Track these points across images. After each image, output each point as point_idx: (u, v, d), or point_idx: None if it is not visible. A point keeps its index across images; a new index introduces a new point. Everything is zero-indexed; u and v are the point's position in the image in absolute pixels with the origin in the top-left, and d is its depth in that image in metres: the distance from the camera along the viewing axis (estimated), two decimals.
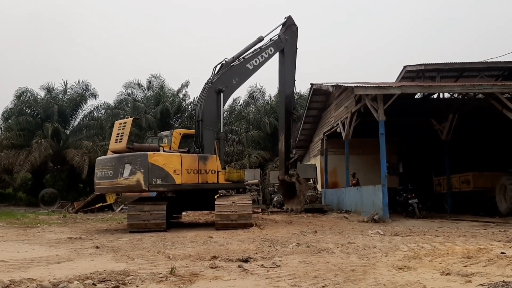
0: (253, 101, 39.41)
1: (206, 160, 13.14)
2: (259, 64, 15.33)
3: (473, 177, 18.26)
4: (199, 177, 12.86)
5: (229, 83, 14.59)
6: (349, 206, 19.22)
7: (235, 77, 14.79)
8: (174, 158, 12.63)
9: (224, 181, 13.33)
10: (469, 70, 21.26)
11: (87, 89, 36.86)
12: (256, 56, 15.27)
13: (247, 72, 15.10)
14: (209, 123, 13.88)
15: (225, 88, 14.34)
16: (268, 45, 15.50)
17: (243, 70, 15.02)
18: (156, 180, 12.12)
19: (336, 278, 5.43)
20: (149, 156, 12.18)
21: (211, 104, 14.06)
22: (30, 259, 7.39)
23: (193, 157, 13.04)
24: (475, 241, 8.88)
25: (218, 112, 14.17)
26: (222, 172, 13.37)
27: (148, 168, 12.00)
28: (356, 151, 22.43)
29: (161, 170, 12.17)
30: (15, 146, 33.62)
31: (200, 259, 7.06)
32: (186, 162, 12.73)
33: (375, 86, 15.85)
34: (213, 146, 13.86)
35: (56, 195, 30.07)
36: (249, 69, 15.05)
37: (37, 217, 18.95)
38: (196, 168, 12.86)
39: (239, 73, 14.94)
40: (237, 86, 15.06)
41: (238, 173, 13.85)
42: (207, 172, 13.07)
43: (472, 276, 5.36)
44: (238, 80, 14.90)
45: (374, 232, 10.84)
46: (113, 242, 9.86)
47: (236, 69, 14.78)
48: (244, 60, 15.06)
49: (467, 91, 16.90)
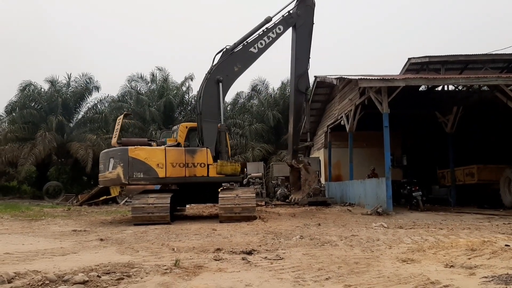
0: (257, 94, 39.34)
1: (194, 154, 13.13)
2: (266, 46, 14.54)
3: (477, 169, 18.19)
4: (186, 171, 12.95)
5: (229, 71, 14.09)
6: (352, 199, 19.21)
7: (237, 63, 14.21)
8: (158, 152, 12.87)
9: (215, 174, 13.12)
10: (474, 62, 21.09)
11: (91, 82, 36.93)
12: (262, 38, 14.49)
13: (251, 56, 14.42)
14: (208, 115, 13.79)
15: (225, 77, 13.91)
16: (277, 23, 14.69)
17: (246, 55, 14.38)
18: (137, 174, 12.53)
19: (339, 271, 5.44)
20: (129, 150, 12.63)
21: (210, 95, 13.85)
22: (35, 251, 7.43)
23: (179, 150, 13.14)
24: (479, 234, 8.86)
25: (218, 103, 13.82)
26: (213, 165, 13.14)
27: (128, 162, 12.47)
28: (360, 144, 22.39)
29: (142, 164, 12.54)
30: (19, 139, 33.72)
31: (204, 252, 7.08)
32: (171, 155, 12.89)
33: (379, 78, 15.77)
34: (214, 139, 13.66)
35: (60, 188, 30.20)
36: (253, 53, 14.40)
37: (42, 209, 19.04)
38: (183, 162, 12.93)
39: (241, 59, 14.31)
40: (239, 73, 14.40)
41: (232, 166, 13.21)
42: (195, 166, 13.03)
43: (476, 269, 5.36)
44: (241, 66, 14.30)
45: (378, 225, 10.84)
46: (118, 235, 9.91)
47: (237, 55, 14.23)
48: (247, 44, 14.40)
49: (472, 83, 16.80)
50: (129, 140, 14.03)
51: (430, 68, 21.13)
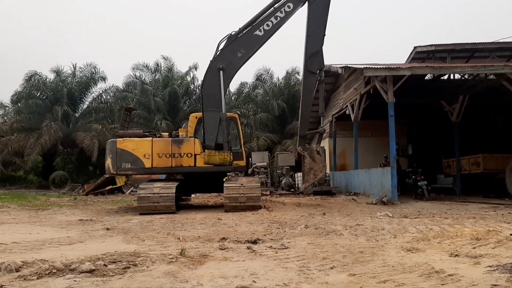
0: (261, 83, 39.20)
1: (181, 144, 13.23)
2: (273, 27, 13.46)
3: (483, 159, 18.12)
4: (172, 161, 13.12)
5: (232, 58, 13.51)
6: (357, 188, 19.21)
7: (240, 49, 13.48)
8: (145, 143, 13.19)
9: (203, 164, 13.11)
10: (481, 51, 20.92)
11: (96, 71, 36.93)
12: (268, 19, 13.41)
13: (256, 40, 13.50)
14: (210, 105, 13.63)
15: (228, 64, 13.44)
16: (286, 1, 13.46)
17: (250, 39, 13.50)
18: (125, 164, 13.07)
19: (344, 260, 5.46)
20: (117, 142, 13.25)
21: (212, 84, 13.60)
22: (42, 240, 7.50)
23: (166, 141, 13.33)
24: (484, 223, 8.85)
25: (220, 92, 13.45)
26: (200, 155, 13.16)
27: (116, 153, 13.09)
28: (365, 133, 22.33)
29: (130, 155, 13.02)
30: (25, 129, 33.89)
31: (209, 241, 7.12)
32: (158, 146, 13.15)
33: (384, 67, 15.67)
34: (215, 128, 13.49)
35: (66, 178, 30.39)
36: (258, 37, 13.46)
37: (48, 199, 19.17)
38: (169, 152, 13.10)
39: (245, 44, 13.50)
40: (243, 59, 13.64)
41: (220, 155, 13.04)
42: (182, 156, 13.14)
43: (480, 258, 5.36)
44: (245, 52, 13.52)
45: (383, 214, 10.84)
46: (124, 224, 9.97)
47: (241, 40, 13.51)
48: (252, 27, 13.49)
49: (478, 72, 16.67)
50: (125, 132, 14.26)
51: (436, 57, 20.99)
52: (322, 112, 14.51)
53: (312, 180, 13.99)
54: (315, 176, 13.79)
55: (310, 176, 13.68)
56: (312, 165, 13.55)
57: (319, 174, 13.80)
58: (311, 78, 13.84)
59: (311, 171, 13.57)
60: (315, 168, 13.57)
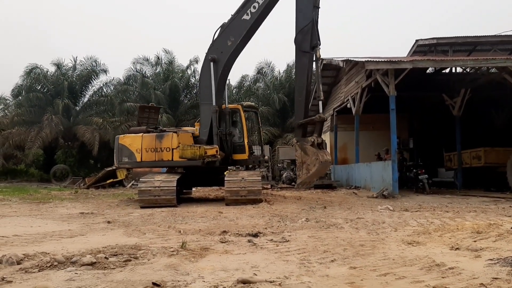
0: (262, 76, 39.15)
1: (161, 139, 13.41)
2: (259, 9, 12.53)
3: (484, 152, 18.08)
4: (155, 155, 13.42)
5: (223, 47, 13.12)
6: (358, 182, 19.22)
7: (230, 37, 13.00)
8: (137, 138, 13.63)
9: (178, 158, 13.24)
10: (483, 44, 20.84)
11: (97, 64, 36.83)
12: (255, 1, 12.58)
13: (244, 24, 12.82)
14: (205, 97, 13.65)
15: (220, 54, 13.15)
16: None
17: (238, 25, 12.90)
18: (124, 158, 13.74)
19: (345, 253, 5.46)
20: (119, 138, 14.03)
21: (207, 76, 13.53)
22: (43, 233, 7.51)
23: (151, 136, 13.57)
24: (485, 217, 8.86)
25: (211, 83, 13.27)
26: (177, 149, 13.28)
27: (118, 148, 13.84)
28: (367, 127, 22.30)
29: (127, 150, 13.66)
30: (26, 122, 33.91)
31: (210, 234, 7.12)
32: (145, 141, 13.48)
33: (386, 60, 15.62)
34: (208, 121, 13.54)
35: (67, 171, 30.42)
36: (246, 21, 12.74)
37: (49, 192, 19.21)
38: (153, 147, 13.39)
39: (233, 31, 12.96)
40: (233, 47, 13.08)
41: (192, 150, 13.11)
42: (162, 150, 13.37)
43: (481, 251, 5.36)
44: (234, 39, 12.99)
45: (384, 208, 10.85)
46: (125, 217, 9.99)
47: (230, 27, 13.07)
48: (240, 12, 12.88)
49: (480, 65, 16.61)
50: (134, 129, 14.74)
51: (438, 50, 20.92)
52: (319, 95, 11.94)
53: (304, 176, 11.82)
54: (308, 171, 11.66)
55: (302, 171, 11.85)
56: (304, 159, 11.71)
57: (312, 168, 11.54)
58: (303, 59, 12.00)
59: (303, 165, 11.76)
60: (308, 162, 11.63)
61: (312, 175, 11.69)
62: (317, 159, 11.37)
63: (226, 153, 13.82)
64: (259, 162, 15.04)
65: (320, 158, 11.26)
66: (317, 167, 11.43)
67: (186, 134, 13.89)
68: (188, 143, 13.47)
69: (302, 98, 12.16)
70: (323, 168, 11.67)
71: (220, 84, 13.66)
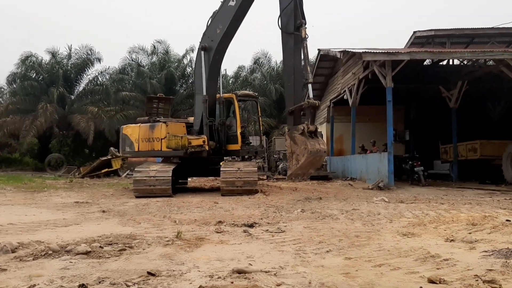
0: (259, 67, 39.00)
1: (153, 129, 13.64)
2: None
3: (480, 145, 18.14)
4: (149, 145, 13.74)
5: (213, 35, 13.02)
6: (354, 173, 19.24)
7: (219, 24, 12.85)
8: (136, 128, 14.01)
9: (166, 148, 13.41)
10: (480, 36, 20.81)
11: (92, 53, 36.50)
12: None
13: (230, 11, 12.53)
14: (198, 87, 13.72)
15: (210, 42, 13.06)
16: None
17: (225, 12, 12.67)
18: (126, 148, 14.32)
19: (340, 243, 5.47)
20: (123, 128, 14.65)
21: (199, 65, 13.57)
22: (38, 222, 7.49)
23: (146, 126, 13.84)
24: (480, 209, 8.88)
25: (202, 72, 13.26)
26: (165, 139, 13.41)
27: (122, 138, 14.49)
28: (363, 118, 22.27)
29: (129, 139, 14.19)
30: (21, 111, 33.68)
31: (205, 224, 7.12)
32: (142, 131, 13.85)
33: (383, 52, 15.56)
34: (200, 111, 13.53)
35: (62, 160, 30.27)
36: (231, 7, 12.47)
37: (44, 181, 19.14)
38: (147, 137, 13.70)
39: (221, 18, 12.77)
40: (221, 35, 12.86)
41: (176, 140, 13.16)
42: (153, 140, 13.64)
43: (476, 243, 5.38)
44: (222, 26, 12.77)
45: (379, 199, 10.87)
46: (120, 207, 9.97)
47: (218, 15, 12.94)
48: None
49: (478, 57, 16.56)
50: (140, 119, 15.18)
51: (436, 42, 20.87)
52: (307, 78, 10.85)
53: (294, 167, 10.82)
54: (297, 162, 10.63)
55: (292, 162, 10.90)
56: (294, 148, 10.70)
57: (301, 159, 10.47)
58: (290, 41, 11.08)
59: (292, 155, 10.77)
60: (297, 152, 10.61)
61: (302, 166, 10.55)
62: (305, 148, 10.27)
63: (220, 144, 13.73)
64: (256, 152, 14.91)
65: (309, 147, 10.14)
66: (305, 157, 10.29)
67: (177, 124, 14.06)
68: (179, 133, 13.50)
69: (291, 83, 11.22)
70: (314, 158, 10.44)
71: (213, 73, 13.54)
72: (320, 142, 10.68)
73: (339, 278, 3.92)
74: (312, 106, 10.72)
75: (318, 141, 10.59)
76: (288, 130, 11.15)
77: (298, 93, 11.12)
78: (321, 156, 10.70)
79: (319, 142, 10.60)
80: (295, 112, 10.95)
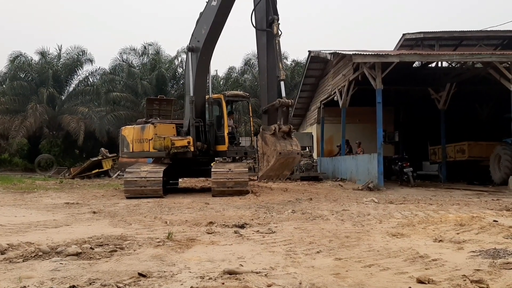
0: (250, 68, 39.01)
1: (143, 130, 13.89)
2: None
3: (468, 146, 18.34)
4: (140, 146, 14.05)
5: (199, 35, 13.00)
6: (344, 174, 19.34)
7: (203, 25, 12.73)
8: (131, 130, 14.42)
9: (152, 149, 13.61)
10: (469, 39, 21.04)
11: (83, 54, 36.28)
12: None
13: (211, 11, 12.41)
14: (187, 88, 13.88)
15: (197, 43, 13.05)
16: None
17: (208, 12, 12.58)
18: (124, 148, 14.77)
19: (330, 244, 5.51)
20: (122, 130, 15.16)
21: (188, 67, 13.75)
22: (28, 223, 7.44)
23: (138, 128, 14.17)
24: (468, 209, 8.98)
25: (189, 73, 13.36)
26: (152, 140, 13.60)
27: (121, 139, 15.01)
28: (353, 119, 22.41)
29: (126, 141, 14.62)
30: (10, 111, 33.40)
31: (196, 225, 7.13)
32: (135, 133, 14.23)
33: (373, 54, 15.68)
34: (189, 112, 13.55)
35: (52, 161, 30.02)
36: (213, 7, 12.30)
37: (34, 182, 18.99)
38: (139, 138, 14.01)
39: (205, 18, 12.68)
40: (205, 35, 12.71)
41: (159, 141, 13.22)
42: (144, 141, 13.91)
43: (464, 243, 5.44)
44: (206, 26, 12.65)
45: (369, 200, 10.93)
46: (110, 208, 9.93)
47: (203, 15, 12.87)
48: None
49: (466, 60, 16.77)
50: (139, 121, 15.40)
51: (425, 44, 21.06)
52: (279, 75, 10.32)
53: (265, 168, 10.33)
54: (268, 163, 10.15)
55: (263, 163, 10.44)
56: (265, 149, 10.24)
57: (271, 160, 9.96)
58: (263, 38, 10.85)
59: (264, 156, 10.34)
60: (268, 153, 10.14)
61: (273, 168, 10.09)
62: (275, 150, 9.80)
63: (208, 144, 13.70)
64: (245, 153, 14.86)
65: (278, 148, 9.70)
66: (275, 159, 9.82)
67: (167, 125, 14.14)
68: (168, 134, 13.52)
69: (265, 82, 10.88)
70: (286, 160, 10.01)
71: (201, 74, 13.48)
72: (293, 143, 10.15)
73: (329, 279, 3.96)
74: (284, 105, 10.20)
75: (291, 142, 10.10)
76: (262, 130, 10.59)
77: (271, 92, 10.70)
78: (294, 158, 10.23)
79: (291, 143, 10.09)
80: (269, 111, 10.57)
